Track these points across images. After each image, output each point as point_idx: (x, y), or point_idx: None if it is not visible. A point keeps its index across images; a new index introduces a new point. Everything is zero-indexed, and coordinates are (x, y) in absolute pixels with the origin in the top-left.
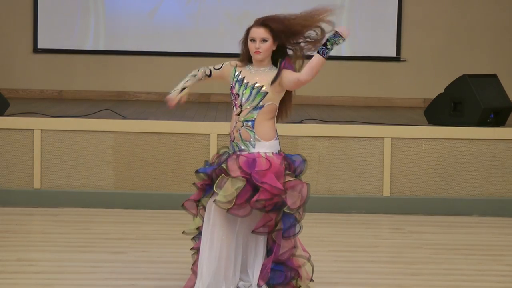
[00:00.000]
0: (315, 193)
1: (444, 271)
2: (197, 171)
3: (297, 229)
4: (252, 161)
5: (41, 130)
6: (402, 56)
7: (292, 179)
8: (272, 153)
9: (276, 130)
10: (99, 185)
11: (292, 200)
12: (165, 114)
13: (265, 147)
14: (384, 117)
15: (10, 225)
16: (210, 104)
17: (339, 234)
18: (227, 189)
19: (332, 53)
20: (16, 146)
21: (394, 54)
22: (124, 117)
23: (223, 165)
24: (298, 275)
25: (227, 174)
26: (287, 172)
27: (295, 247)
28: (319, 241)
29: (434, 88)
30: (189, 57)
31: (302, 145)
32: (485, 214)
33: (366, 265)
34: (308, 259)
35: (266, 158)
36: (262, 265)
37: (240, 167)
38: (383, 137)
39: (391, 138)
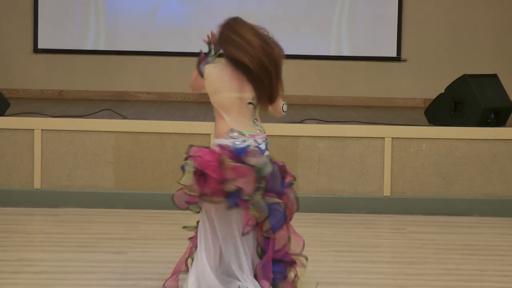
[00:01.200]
0: (316, 193)
1: (445, 271)
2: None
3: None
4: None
5: (42, 130)
6: (403, 56)
7: (237, 164)
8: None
9: (231, 129)
10: (100, 185)
11: (245, 186)
12: (165, 114)
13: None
14: (385, 117)
15: (11, 225)
16: (211, 104)
17: (339, 234)
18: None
19: (333, 53)
20: (16, 146)
21: (394, 54)
22: (124, 117)
23: None
24: (292, 265)
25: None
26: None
27: (289, 241)
28: (319, 241)
29: (435, 88)
30: (189, 57)
31: (303, 145)
32: (485, 214)
33: (367, 265)
34: (300, 253)
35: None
36: (263, 265)
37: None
38: (384, 137)
39: (392, 138)
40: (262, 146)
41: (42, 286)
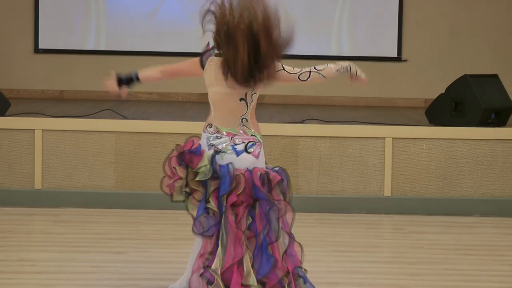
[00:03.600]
0: (316, 193)
1: (445, 271)
2: None
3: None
4: None
5: (42, 130)
6: (403, 56)
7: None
8: None
9: (210, 124)
10: (100, 185)
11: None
12: (166, 114)
13: None
14: (385, 117)
15: (11, 225)
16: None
17: (340, 234)
18: None
19: (333, 53)
20: (17, 146)
21: (395, 54)
22: (125, 117)
23: None
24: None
25: None
26: None
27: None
28: (320, 241)
29: (435, 88)
30: (190, 57)
31: (303, 145)
32: (486, 214)
33: (367, 265)
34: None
35: None
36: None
37: None
38: (384, 137)
39: (392, 138)
40: (239, 147)
41: (43, 286)
